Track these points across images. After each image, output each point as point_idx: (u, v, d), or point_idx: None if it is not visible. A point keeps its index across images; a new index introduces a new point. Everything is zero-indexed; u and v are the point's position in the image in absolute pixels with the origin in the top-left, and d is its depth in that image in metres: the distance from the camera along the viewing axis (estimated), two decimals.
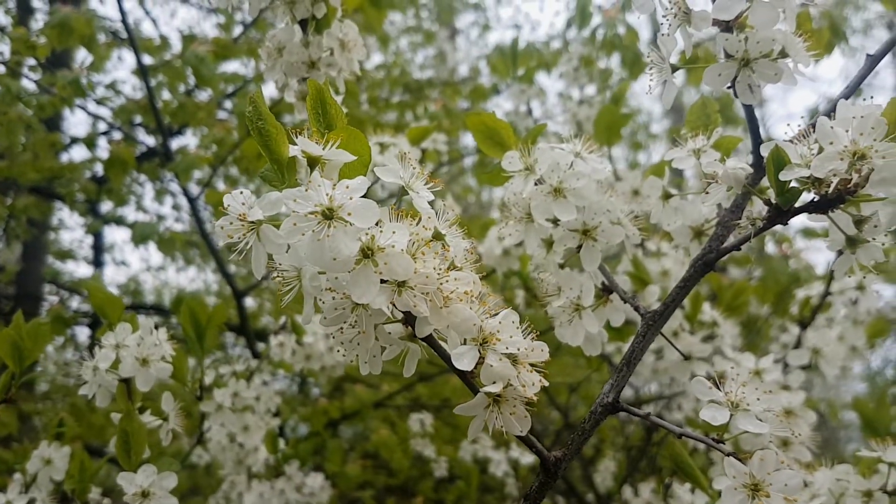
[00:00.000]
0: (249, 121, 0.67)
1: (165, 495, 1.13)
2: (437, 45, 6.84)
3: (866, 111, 0.62)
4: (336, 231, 0.62)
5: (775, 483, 0.66)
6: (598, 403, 0.80)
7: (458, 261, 0.75)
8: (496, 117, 0.99)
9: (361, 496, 3.63)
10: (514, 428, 0.71)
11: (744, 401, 0.71)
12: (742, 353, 1.27)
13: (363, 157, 0.72)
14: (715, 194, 0.76)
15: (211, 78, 2.77)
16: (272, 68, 1.16)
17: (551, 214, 0.89)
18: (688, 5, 0.75)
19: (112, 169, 3.08)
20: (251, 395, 1.75)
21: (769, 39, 0.72)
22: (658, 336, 0.98)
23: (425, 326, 0.70)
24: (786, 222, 0.70)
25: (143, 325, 1.23)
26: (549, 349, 0.72)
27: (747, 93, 0.75)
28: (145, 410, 1.28)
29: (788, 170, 0.65)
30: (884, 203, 0.62)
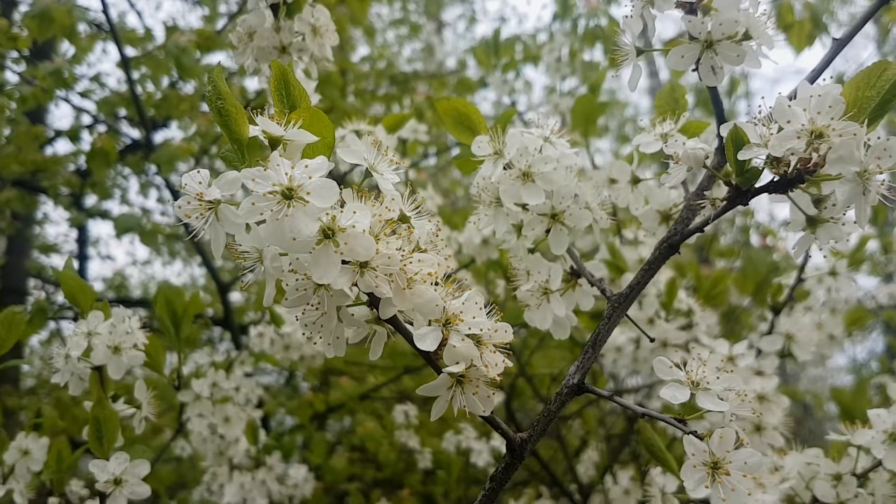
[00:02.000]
0: (209, 100, 0.67)
1: (138, 482, 1.13)
2: (425, 37, 6.83)
3: (824, 90, 0.63)
4: (295, 211, 0.61)
5: (735, 461, 0.67)
6: (564, 385, 0.81)
7: (422, 242, 0.75)
8: (467, 102, 0.99)
9: (348, 489, 3.63)
10: (476, 408, 0.71)
11: (704, 380, 0.71)
12: (717, 340, 1.28)
13: (326, 139, 0.72)
14: (676, 175, 0.76)
15: (193, 69, 2.75)
16: (243, 53, 1.16)
17: (520, 199, 0.89)
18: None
19: (94, 162, 3.06)
20: (230, 385, 1.75)
21: (732, 21, 0.73)
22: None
23: (389, 308, 0.70)
24: (746, 203, 0.70)
25: (115, 314, 1.22)
26: (535, 341, 0.73)
27: (710, 75, 0.75)
28: (119, 399, 1.27)
29: (747, 149, 0.65)
30: (841, 181, 0.62)
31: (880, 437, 0.97)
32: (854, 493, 0.99)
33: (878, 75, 0.65)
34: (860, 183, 0.62)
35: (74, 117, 4.25)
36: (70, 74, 2.94)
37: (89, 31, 3.65)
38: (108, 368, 1.20)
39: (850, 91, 0.65)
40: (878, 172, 0.62)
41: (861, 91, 0.65)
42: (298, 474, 2.54)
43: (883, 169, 0.62)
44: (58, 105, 3.36)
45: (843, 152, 0.60)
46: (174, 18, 5.98)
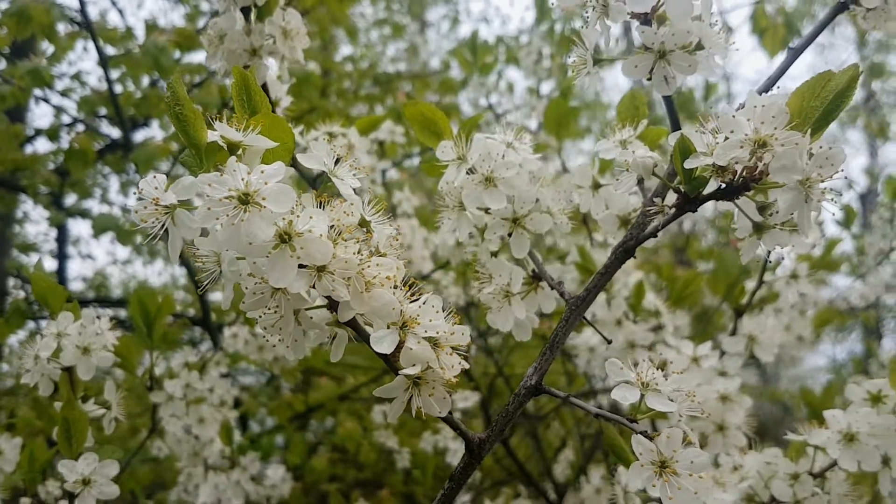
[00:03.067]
0: (168, 106, 0.68)
1: (107, 483, 1.13)
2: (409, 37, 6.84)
3: (769, 100, 0.64)
4: (251, 216, 0.62)
5: (681, 460, 0.68)
6: (522, 386, 0.82)
7: (381, 247, 0.76)
8: (433, 107, 1.00)
9: (328, 489, 3.64)
10: (433, 409, 0.72)
11: (654, 381, 0.73)
12: (682, 341, 1.30)
13: (286, 144, 0.73)
14: (626, 182, 0.78)
15: (171, 68, 2.74)
16: (213, 55, 1.16)
17: (482, 203, 0.90)
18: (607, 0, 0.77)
19: (72, 161, 3.05)
20: (204, 386, 1.75)
21: (684, 32, 0.74)
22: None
23: (347, 311, 0.71)
24: (695, 209, 0.72)
25: (85, 315, 1.23)
26: (514, 341, 0.74)
27: (663, 84, 0.77)
28: (89, 399, 1.27)
29: (693, 158, 0.67)
30: (783, 190, 0.64)
31: (835, 437, 1.00)
32: (811, 492, 1.02)
33: (822, 86, 0.67)
34: (802, 191, 0.64)
35: (54, 116, 4.23)
36: (47, 73, 2.92)
37: (70, 29, 3.63)
38: (78, 369, 1.20)
39: (795, 101, 0.66)
40: (820, 181, 0.64)
41: (806, 101, 0.66)
42: (276, 474, 2.55)
43: (824, 178, 0.64)
44: (38, 103, 3.34)
45: (786, 161, 0.62)
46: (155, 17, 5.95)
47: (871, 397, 1.04)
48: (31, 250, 5.66)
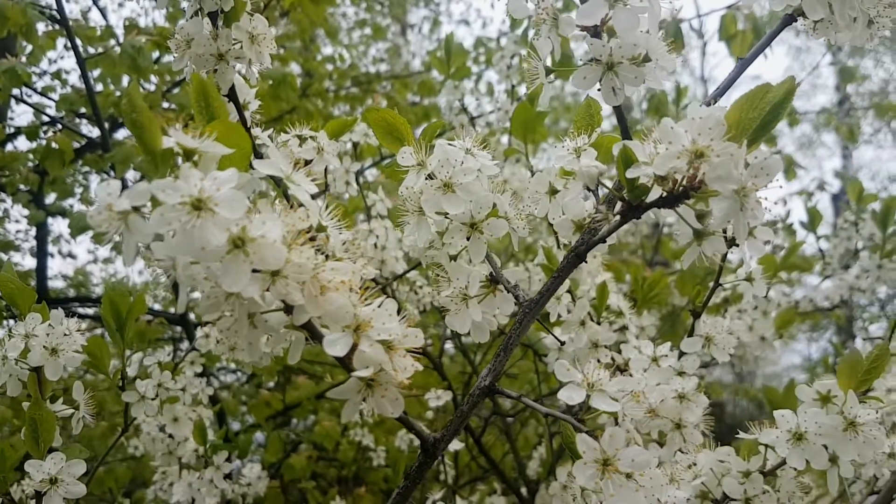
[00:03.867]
0: (124, 112, 0.69)
1: (73, 482, 1.14)
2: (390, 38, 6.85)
3: (706, 112, 0.67)
4: (204, 221, 0.64)
5: (623, 459, 0.71)
6: (476, 387, 0.85)
7: (337, 251, 0.78)
8: (395, 113, 1.02)
9: (306, 487, 3.65)
10: (386, 410, 0.74)
11: (599, 382, 0.75)
12: (643, 342, 1.32)
13: (243, 150, 0.75)
14: (572, 190, 0.80)
15: (148, 69, 2.74)
16: (181, 59, 1.18)
17: (441, 208, 0.92)
18: (556, 11, 0.79)
19: (49, 161, 3.04)
20: (177, 386, 1.76)
21: (631, 44, 0.77)
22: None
23: (302, 314, 0.73)
24: (638, 216, 0.75)
25: (53, 316, 1.24)
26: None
27: (611, 95, 0.79)
28: (57, 399, 1.28)
29: (635, 168, 0.69)
30: (718, 198, 0.67)
31: (784, 436, 1.03)
32: (761, 490, 1.05)
33: (760, 97, 0.69)
34: (738, 200, 0.67)
35: (34, 114, 4.21)
36: (24, 72, 2.91)
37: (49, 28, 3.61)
38: (45, 370, 1.21)
39: (734, 113, 0.69)
40: (755, 190, 0.67)
41: (744, 113, 0.69)
42: (252, 473, 2.56)
43: (759, 187, 0.66)
44: (18, 102, 3.32)
45: (721, 171, 0.65)
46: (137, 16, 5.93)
47: (821, 398, 1.07)
48: (10, 248, 5.62)
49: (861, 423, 1.00)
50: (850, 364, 1.05)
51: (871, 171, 14.14)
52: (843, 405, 1.02)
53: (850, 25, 0.92)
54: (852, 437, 1.00)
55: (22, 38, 3.34)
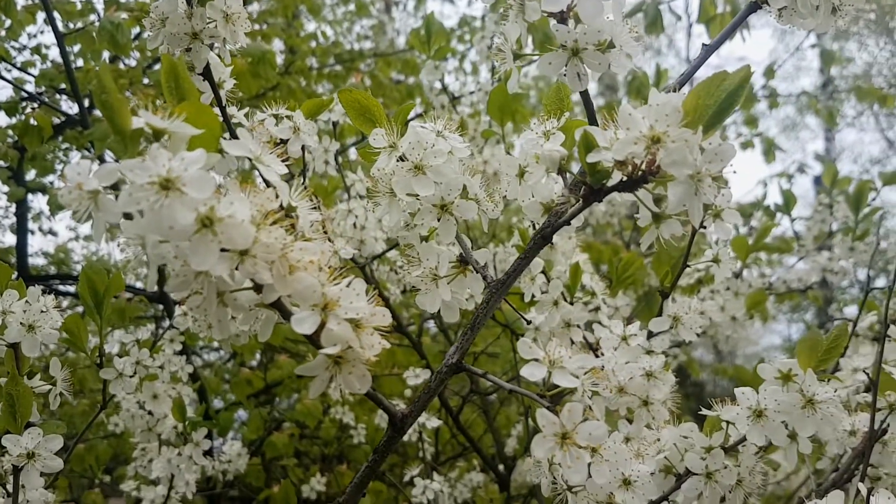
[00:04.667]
0: (95, 94, 0.70)
1: (50, 456, 1.16)
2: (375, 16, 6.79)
3: (664, 99, 0.69)
4: (172, 201, 0.65)
5: (581, 433, 0.74)
6: (444, 364, 0.87)
7: (306, 232, 0.80)
8: (368, 95, 1.03)
9: (287, 464, 3.69)
10: (353, 386, 0.76)
11: (560, 359, 0.77)
12: (613, 321, 1.35)
13: (212, 130, 0.76)
14: (535, 174, 0.82)
15: (127, 45, 2.72)
16: (155, 38, 1.18)
17: (411, 189, 0.94)
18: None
19: (27, 138, 3.02)
20: (156, 363, 1.78)
21: (595, 31, 0.78)
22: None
23: (271, 293, 0.75)
24: (600, 200, 0.77)
25: (30, 293, 1.25)
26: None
27: (575, 80, 0.81)
28: (35, 375, 1.30)
29: (595, 153, 0.71)
30: (674, 183, 0.69)
31: (745, 413, 1.06)
32: (722, 465, 1.08)
33: (717, 85, 0.71)
34: (693, 184, 0.69)
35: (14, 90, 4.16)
36: (2, 49, 2.88)
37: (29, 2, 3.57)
38: (23, 346, 1.22)
39: (691, 100, 0.71)
40: (709, 175, 0.69)
41: (701, 100, 0.71)
42: (232, 450, 2.58)
43: (713, 172, 0.69)
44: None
45: (676, 157, 0.67)
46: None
47: (782, 376, 1.10)
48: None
49: (819, 401, 1.04)
50: (809, 344, 1.08)
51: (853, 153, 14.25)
52: (802, 383, 1.05)
53: (813, 13, 0.94)
54: (810, 415, 1.03)
55: (0, 13, 3.30)
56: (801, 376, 1.08)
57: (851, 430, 1.30)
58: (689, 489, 1.07)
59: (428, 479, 2.15)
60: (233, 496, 3.95)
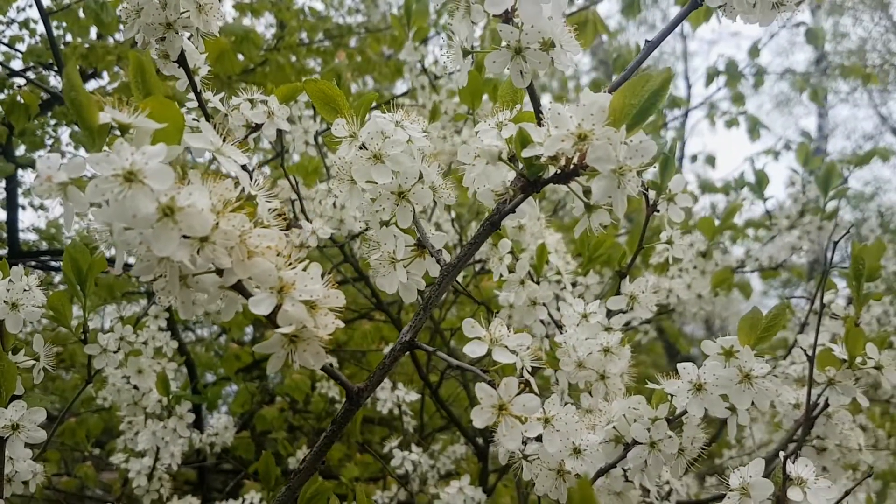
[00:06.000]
0: (64, 92, 0.75)
1: (34, 428, 1.23)
2: None
3: (591, 99, 0.74)
4: (134, 192, 0.71)
5: (516, 404, 0.80)
6: (398, 342, 0.93)
7: (265, 219, 0.85)
8: (332, 85, 1.08)
9: (276, 437, 3.77)
10: (308, 363, 0.83)
11: (501, 337, 0.84)
12: (575, 299, 1.41)
13: (175, 123, 0.81)
14: (478, 167, 0.88)
15: (112, 24, 2.75)
16: (131, 28, 1.22)
17: (370, 177, 0.99)
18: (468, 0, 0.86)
19: (14, 115, 3.05)
20: (139, 339, 1.84)
21: (536, 32, 0.83)
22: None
23: (231, 276, 0.81)
24: (538, 190, 0.82)
25: (13, 272, 1.30)
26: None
27: (519, 78, 0.86)
28: (19, 351, 1.36)
29: (530, 148, 0.77)
30: (597, 177, 0.74)
31: (686, 386, 1.13)
32: (665, 435, 1.15)
33: (641, 86, 0.76)
34: (616, 178, 0.74)
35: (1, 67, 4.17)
36: None
37: None
38: (7, 323, 1.28)
39: (618, 99, 0.76)
40: (631, 170, 0.74)
41: (627, 99, 0.76)
42: (219, 423, 2.66)
43: (634, 167, 0.74)
44: None
45: (601, 153, 0.72)
46: None
47: (725, 352, 1.16)
48: None
49: (756, 376, 1.10)
50: (749, 322, 1.15)
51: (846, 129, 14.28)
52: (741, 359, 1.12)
53: (751, 10, 0.99)
54: (746, 389, 1.10)
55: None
56: (742, 352, 1.15)
57: (796, 404, 1.37)
58: (635, 457, 1.14)
59: (407, 450, 2.23)
60: (226, 469, 4.04)
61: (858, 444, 1.48)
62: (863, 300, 1.33)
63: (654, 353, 6.33)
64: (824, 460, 1.43)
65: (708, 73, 4.00)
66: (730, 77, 4.07)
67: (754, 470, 0.96)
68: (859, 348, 1.24)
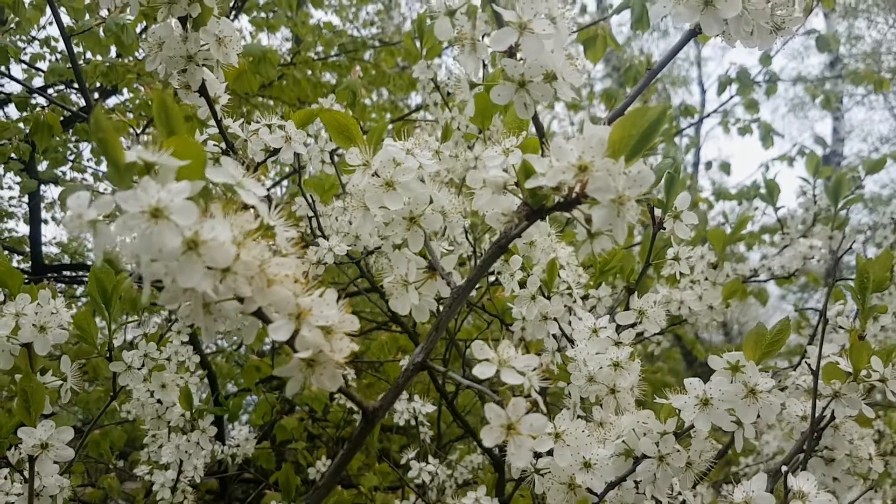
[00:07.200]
0: (92, 132, 0.80)
1: (62, 446, 1.28)
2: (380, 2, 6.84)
3: (591, 132, 0.78)
4: (161, 228, 0.75)
5: (524, 423, 0.84)
6: (410, 363, 0.97)
7: (283, 248, 0.89)
8: (345, 114, 1.13)
9: (296, 447, 3.82)
10: (325, 385, 0.87)
11: (509, 359, 0.87)
12: (586, 313, 1.44)
13: (198, 160, 0.85)
14: (483, 196, 0.91)
15: (132, 45, 2.82)
16: (153, 60, 1.28)
17: (383, 203, 1.04)
18: (473, 36, 0.90)
19: (37, 135, 3.13)
20: (163, 355, 1.89)
21: (538, 66, 0.87)
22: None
23: (251, 304, 0.85)
24: (543, 218, 0.86)
25: (41, 296, 1.36)
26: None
27: (523, 109, 0.90)
28: (47, 371, 1.41)
29: (533, 178, 0.80)
30: (597, 207, 0.78)
31: (692, 401, 1.16)
32: (673, 449, 1.18)
33: (640, 117, 0.80)
34: (615, 208, 0.78)
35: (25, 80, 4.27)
36: (13, 50, 2.99)
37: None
38: (35, 345, 1.34)
39: (617, 130, 0.80)
40: (630, 199, 0.78)
41: (626, 130, 0.80)
42: (240, 435, 2.71)
43: (633, 197, 0.78)
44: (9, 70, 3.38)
45: (600, 184, 0.76)
46: None
47: (731, 367, 1.19)
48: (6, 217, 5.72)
49: (761, 391, 1.13)
50: (754, 337, 1.18)
51: (862, 132, 14.16)
52: (746, 374, 1.15)
53: (749, 37, 1.02)
54: (752, 403, 1.13)
55: (9, 11, 3.41)
56: (748, 367, 1.18)
57: (803, 416, 1.39)
58: (644, 471, 1.17)
59: (423, 461, 2.26)
60: (247, 478, 4.10)
61: (869, 454, 1.50)
62: (868, 313, 1.35)
63: (672, 360, 6.32)
64: (834, 471, 1.45)
65: (720, 82, 4.01)
66: (742, 85, 4.08)
67: (757, 485, 0.99)
68: (864, 361, 1.26)
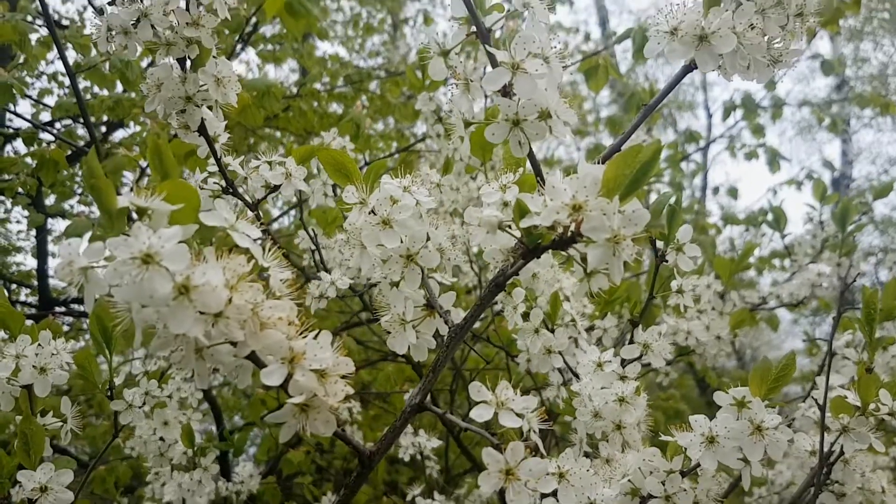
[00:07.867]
0: (84, 178, 0.80)
1: (62, 490, 1.26)
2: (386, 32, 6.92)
3: (585, 171, 0.77)
4: (152, 274, 0.75)
5: (522, 468, 0.82)
6: (408, 405, 0.95)
7: (276, 290, 0.88)
8: (344, 153, 1.12)
9: (302, 482, 3.78)
10: (319, 430, 0.85)
11: (507, 400, 0.86)
12: (590, 347, 1.43)
13: (191, 203, 0.85)
14: (477, 235, 0.90)
15: (136, 81, 2.84)
16: (152, 101, 1.28)
17: (379, 241, 1.03)
18: (468, 77, 0.90)
19: (43, 171, 3.15)
20: (165, 393, 1.88)
21: (532, 105, 0.87)
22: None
23: (244, 348, 0.84)
24: (538, 256, 0.85)
25: (42, 337, 1.35)
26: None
27: (517, 147, 0.89)
28: (47, 413, 1.40)
29: (528, 218, 0.79)
30: (592, 246, 0.77)
31: (698, 439, 1.13)
32: (679, 488, 1.15)
33: (633, 156, 0.79)
34: (611, 247, 0.77)
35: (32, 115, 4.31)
36: (19, 87, 3.02)
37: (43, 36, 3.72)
38: (35, 387, 1.33)
39: (611, 170, 0.79)
40: (625, 239, 0.77)
41: (619, 170, 0.79)
42: (244, 471, 2.68)
43: (628, 236, 0.77)
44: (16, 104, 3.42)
45: (595, 223, 0.75)
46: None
47: (737, 403, 1.17)
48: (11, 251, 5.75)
49: (767, 428, 1.11)
50: (760, 373, 1.16)
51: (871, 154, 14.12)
52: (752, 411, 1.13)
53: (747, 70, 1.02)
54: (758, 441, 1.10)
55: (17, 48, 3.45)
56: (754, 403, 1.15)
57: (812, 451, 1.36)
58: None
59: (429, 497, 2.23)
60: None
61: (882, 486, 1.47)
62: (876, 344, 1.33)
63: (685, 387, 6.25)
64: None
65: (725, 108, 4.02)
66: (746, 110, 4.09)
67: None
68: (872, 395, 1.23)
